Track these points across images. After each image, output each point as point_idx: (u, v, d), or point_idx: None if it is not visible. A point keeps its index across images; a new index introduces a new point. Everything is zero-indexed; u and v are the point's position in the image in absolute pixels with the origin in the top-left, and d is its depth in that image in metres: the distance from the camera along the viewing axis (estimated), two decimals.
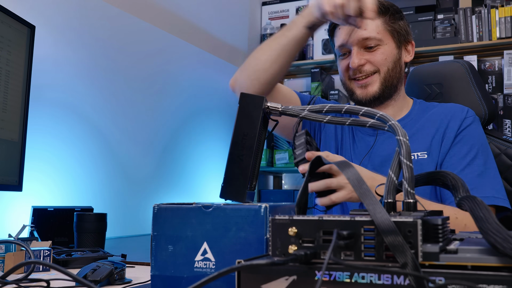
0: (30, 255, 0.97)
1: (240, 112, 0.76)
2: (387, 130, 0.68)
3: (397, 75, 1.35)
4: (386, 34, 1.33)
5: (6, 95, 1.32)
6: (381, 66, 1.32)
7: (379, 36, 1.32)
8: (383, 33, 1.33)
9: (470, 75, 1.53)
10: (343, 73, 1.37)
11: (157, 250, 0.72)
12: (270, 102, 0.76)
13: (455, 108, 1.36)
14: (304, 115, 0.74)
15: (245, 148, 0.74)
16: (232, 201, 0.74)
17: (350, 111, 0.72)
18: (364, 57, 1.32)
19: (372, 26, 1.31)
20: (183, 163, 2.52)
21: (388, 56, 1.33)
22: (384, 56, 1.32)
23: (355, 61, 1.31)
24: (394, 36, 1.34)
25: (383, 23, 1.33)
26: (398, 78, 1.35)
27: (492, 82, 2.91)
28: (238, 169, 0.74)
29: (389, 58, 1.33)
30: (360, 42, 1.31)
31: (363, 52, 1.32)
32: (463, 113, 1.34)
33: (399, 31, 1.35)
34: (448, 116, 1.34)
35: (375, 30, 1.31)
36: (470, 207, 0.57)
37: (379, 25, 1.32)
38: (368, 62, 1.32)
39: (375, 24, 1.32)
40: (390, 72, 1.33)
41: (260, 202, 0.69)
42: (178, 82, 2.54)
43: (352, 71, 1.33)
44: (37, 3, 1.75)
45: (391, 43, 1.34)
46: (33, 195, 1.65)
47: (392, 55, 1.34)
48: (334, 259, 0.51)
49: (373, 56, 1.32)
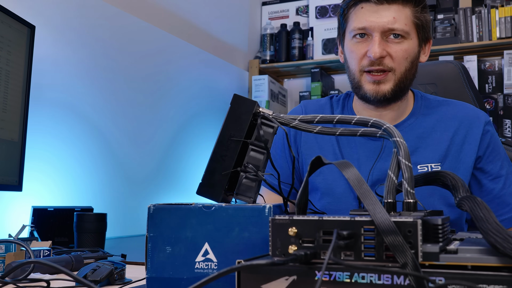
0: (30, 255, 0.97)
1: (230, 113, 0.76)
2: (380, 135, 0.68)
3: (411, 76, 1.20)
4: (412, 28, 1.16)
5: (6, 95, 1.32)
6: (400, 64, 1.16)
7: (407, 29, 1.15)
8: (410, 26, 1.16)
9: (464, 76, 1.54)
10: (356, 60, 1.17)
11: (153, 251, 0.71)
12: (263, 108, 0.77)
13: (471, 112, 1.24)
14: (294, 124, 0.74)
15: (229, 149, 0.75)
16: (208, 199, 0.74)
17: (342, 120, 0.73)
18: (387, 49, 1.14)
19: (401, 16, 1.14)
20: (183, 163, 2.52)
21: (410, 54, 1.16)
22: (406, 53, 1.16)
23: (376, 50, 1.12)
24: (419, 31, 1.18)
25: (412, 14, 1.16)
26: (411, 80, 1.21)
27: (492, 82, 2.91)
28: (219, 169, 0.74)
29: (409, 56, 1.17)
30: (385, 31, 1.14)
31: (385, 42, 1.15)
32: (481, 120, 1.22)
33: (425, 26, 1.19)
34: (464, 121, 1.22)
35: (403, 21, 1.14)
36: (470, 207, 0.57)
37: (408, 15, 1.15)
38: (388, 55, 1.15)
39: (405, 14, 1.15)
40: (406, 73, 1.17)
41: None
42: (178, 82, 2.54)
43: (368, 61, 1.15)
44: (37, 3, 1.75)
45: (415, 39, 1.18)
46: (33, 195, 1.65)
47: (413, 53, 1.18)
48: (334, 259, 0.51)
49: (395, 50, 1.15)
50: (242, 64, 3.24)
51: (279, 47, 3.26)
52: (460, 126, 1.21)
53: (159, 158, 2.35)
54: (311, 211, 0.80)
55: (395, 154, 0.62)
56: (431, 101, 1.28)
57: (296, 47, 3.22)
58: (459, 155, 1.20)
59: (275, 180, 0.79)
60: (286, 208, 0.78)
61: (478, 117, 1.23)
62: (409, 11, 1.15)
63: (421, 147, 1.21)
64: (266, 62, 3.25)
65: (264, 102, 3.10)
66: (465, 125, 1.22)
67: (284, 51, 3.24)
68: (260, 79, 3.16)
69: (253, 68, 3.25)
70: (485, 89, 2.91)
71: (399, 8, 1.14)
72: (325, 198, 1.22)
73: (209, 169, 0.75)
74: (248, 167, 0.74)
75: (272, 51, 3.28)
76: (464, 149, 1.20)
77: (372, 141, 1.23)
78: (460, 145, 1.20)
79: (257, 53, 3.40)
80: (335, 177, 1.21)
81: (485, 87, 2.91)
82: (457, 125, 1.22)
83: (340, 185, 1.21)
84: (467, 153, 1.20)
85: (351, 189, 1.18)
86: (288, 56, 3.24)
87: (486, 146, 1.21)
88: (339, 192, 1.21)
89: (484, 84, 2.91)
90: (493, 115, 2.82)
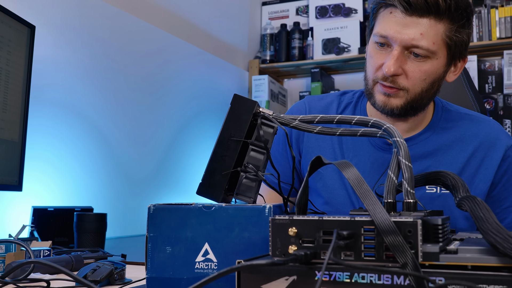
0: (30, 255, 0.97)
1: (230, 113, 0.76)
2: (380, 135, 0.68)
3: (431, 96, 1.08)
4: (442, 47, 1.03)
5: (6, 95, 1.32)
6: (414, 85, 1.04)
7: (434, 48, 1.01)
8: (440, 45, 1.02)
9: (463, 76, 1.54)
10: (372, 68, 1.08)
11: (153, 251, 0.71)
12: (263, 108, 0.77)
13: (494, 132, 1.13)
14: (294, 124, 0.74)
15: (229, 149, 0.75)
16: (208, 199, 0.74)
17: (342, 120, 0.73)
18: (404, 66, 1.03)
19: (431, 33, 1.00)
20: (183, 163, 2.52)
21: (430, 75, 1.04)
22: (425, 75, 1.03)
23: (391, 68, 1.01)
24: (450, 50, 1.05)
25: (445, 32, 1.02)
26: (430, 98, 1.09)
27: (492, 82, 2.91)
28: (219, 169, 0.75)
29: (429, 77, 1.04)
30: (408, 46, 1.01)
31: (404, 57, 1.03)
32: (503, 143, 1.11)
33: (459, 45, 1.05)
34: (485, 142, 1.11)
35: (432, 39, 1.00)
36: (470, 207, 0.57)
37: (440, 33, 1.01)
38: (404, 74, 1.03)
39: (435, 31, 1.00)
40: (422, 94, 1.06)
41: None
42: (178, 82, 2.54)
43: (381, 74, 1.05)
44: (37, 3, 1.75)
45: (442, 59, 1.05)
46: (33, 195, 1.65)
47: (436, 73, 1.05)
48: (334, 259, 0.51)
49: (412, 70, 1.03)
50: (242, 64, 3.24)
51: (279, 47, 3.26)
52: (479, 147, 1.11)
53: (159, 158, 2.35)
54: (311, 211, 0.80)
55: (395, 154, 0.62)
56: (452, 114, 1.16)
57: (296, 47, 3.22)
58: (473, 179, 1.10)
59: (275, 179, 0.79)
60: (286, 208, 0.78)
61: (501, 139, 1.11)
62: (442, 28, 1.01)
63: (432, 166, 1.11)
64: (266, 62, 3.25)
65: (264, 102, 3.10)
66: (485, 146, 1.11)
67: (284, 51, 3.24)
68: (260, 79, 3.16)
69: (253, 68, 3.25)
70: (485, 89, 2.91)
71: (431, 24, 1.00)
72: (325, 206, 1.20)
73: (209, 169, 0.75)
74: (248, 167, 0.74)
75: (272, 51, 3.28)
76: (480, 173, 1.10)
77: (381, 152, 1.14)
78: (476, 168, 1.10)
79: (257, 53, 3.40)
80: (335, 186, 1.17)
81: (485, 87, 2.91)
82: (476, 145, 1.11)
83: (340, 195, 1.16)
84: (482, 179, 1.10)
85: (350, 199, 1.16)
86: (288, 56, 3.24)
87: (503, 173, 1.11)
88: (338, 202, 1.16)
89: (484, 84, 2.91)
90: (493, 115, 2.82)
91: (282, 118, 0.76)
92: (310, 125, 0.74)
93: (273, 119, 0.76)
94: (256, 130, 0.75)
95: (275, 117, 0.76)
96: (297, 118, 0.75)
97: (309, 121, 0.75)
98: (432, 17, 1.00)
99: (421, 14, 1.00)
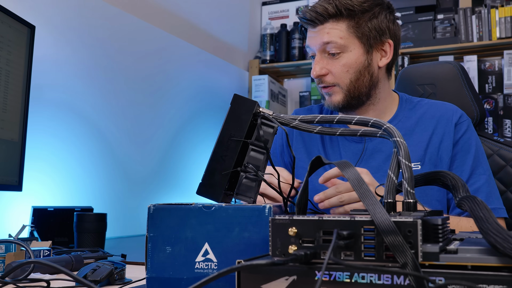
0: (30, 255, 0.97)
1: (230, 113, 0.76)
2: (380, 135, 0.68)
3: (367, 83, 1.24)
4: (351, 39, 1.21)
5: (6, 95, 1.32)
6: (342, 78, 1.22)
7: (342, 42, 1.20)
8: (348, 38, 1.21)
9: (462, 76, 1.54)
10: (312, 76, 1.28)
11: (153, 251, 0.71)
12: (263, 108, 0.77)
13: (447, 111, 1.28)
14: (294, 124, 0.74)
15: (229, 149, 0.75)
16: (208, 199, 0.74)
17: (342, 120, 0.73)
18: (327, 66, 1.22)
19: (335, 31, 1.21)
20: (183, 163, 2.52)
21: (351, 66, 1.21)
22: (346, 67, 1.21)
23: (315, 69, 1.23)
24: (362, 40, 1.22)
25: (348, 28, 1.21)
26: (368, 85, 1.24)
27: (492, 82, 2.91)
28: (219, 169, 0.75)
29: (352, 68, 1.22)
30: (322, 47, 1.22)
31: (326, 59, 1.23)
32: (456, 117, 1.26)
33: (368, 34, 1.22)
34: (441, 121, 1.26)
35: (337, 35, 1.20)
36: (470, 207, 0.57)
37: (342, 29, 1.21)
38: (329, 73, 1.23)
39: (339, 29, 1.21)
40: (354, 83, 1.23)
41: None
42: (178, 82, 2.54)
43: (316, 80, 1.26)
44: (37, 3, 1.75)
45: (357, 49, 1.22)
46: (33, 195, 1.65)
47: (358, 63, 1.22)
48: (334, 259, 0.51)
49: (334, 66, 1.22)
50: (242, 64, 3.24)
51: (279, 47, 3.26)
52: (437, 125, 1.26)
53: (159, 158, 2.35)
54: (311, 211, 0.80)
55: (395, 154, 0.62)
56: (414, 103, 1.32)
57: (296, 47, 3.22)
58: (437, 153, 1.24)
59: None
60: (286, 208, 0.78)
61: (455, 114, 1.27)
62: (344, 25, 1.21)
63: None
64: (266, 62, 3.25)
65: (264, 102, 3.10)
66: (442, 124, 1.26)
67: (284, 51, 3.24)
68: (260, 79, 3.16)
69: (253, 68, 3.25)
70: (485, 89, 2.91)
71: (332, 25, 1.21)
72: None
73: (209, 169, 0.75)
74: (248, 167, 0.74)
75: (272, 51, 3.28)
76: (442, 147, 1.24)
77: (355, 143, 1.28)
78: (438, 143, 1.24)
79: (257, 53, 3.40)
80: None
81: (485, 87, 2.91)
82: (434, 124, 1.26)
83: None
84: (445, 150, 1.24)
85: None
86: (288, 56, 3.24)
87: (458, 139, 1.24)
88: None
89: (484, 84, 2.91)
90: (493, 115, 2.82)
91: (282, 118, 0.76)
92: (310, 125, 0.74)
93: (273, 119, 0.76)
94: (256, 130, 0.75)
95: (275, 117, 0.76)
96: (297, 118, 0.75)
97: (309, 121, 0.75)
98: (330, 20, 1.21)
99: (321, 21, 1.22)
